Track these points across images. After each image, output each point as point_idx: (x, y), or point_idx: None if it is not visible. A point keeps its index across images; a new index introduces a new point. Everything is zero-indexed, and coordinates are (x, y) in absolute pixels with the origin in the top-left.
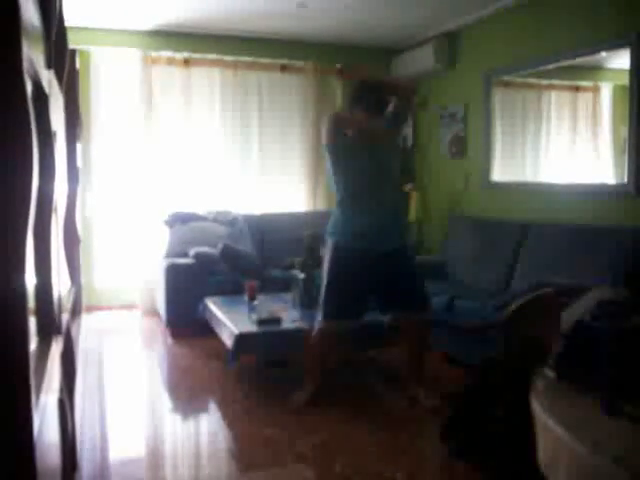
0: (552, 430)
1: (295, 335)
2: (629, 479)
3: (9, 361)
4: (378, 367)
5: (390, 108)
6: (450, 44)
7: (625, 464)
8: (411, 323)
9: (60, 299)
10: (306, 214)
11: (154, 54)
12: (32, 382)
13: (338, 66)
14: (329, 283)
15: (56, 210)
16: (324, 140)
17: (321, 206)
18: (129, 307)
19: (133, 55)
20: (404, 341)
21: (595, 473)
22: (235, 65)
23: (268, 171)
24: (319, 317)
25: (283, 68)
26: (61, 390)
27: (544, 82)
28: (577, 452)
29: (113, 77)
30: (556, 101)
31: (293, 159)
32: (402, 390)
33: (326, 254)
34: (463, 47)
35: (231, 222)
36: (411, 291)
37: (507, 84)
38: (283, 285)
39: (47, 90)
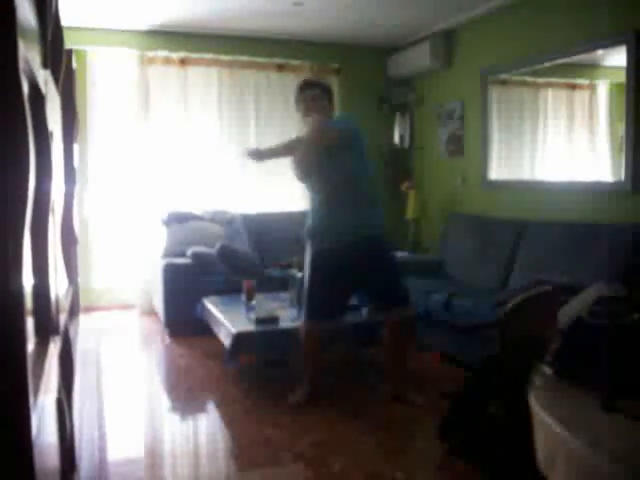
0: (550, 428)
1: (293, 334)
2: (628, 477)
3: (7, 362)
4: (378, 367)
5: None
6: (447, 43)
7: (624, 462)
8: (395, 321)
9: (58, 299)
10: (303, 213)
11: (151, 54)
12: (30, 383)
13: (335, 65)
14: (311, 285)
15: (53, 210)
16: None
17: None
18: (127, 307)
19: (130, 55)
20: (388, 338)
21: (594, 471)
22: (232, 64)
23: (265, 170)
24: (303, 317)
25: (280, 67)
26: (59, 390)
27: (541, 80)
28: (575, 450)
29: (110, 77)
30: (553, 99)
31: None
32: (385, 383)
33: (306, 257)
34: (460, 46)
35: (228, 221)
36: (391, 285)
37: (504, 82)
38: (281, 284)
39: (43, 90)
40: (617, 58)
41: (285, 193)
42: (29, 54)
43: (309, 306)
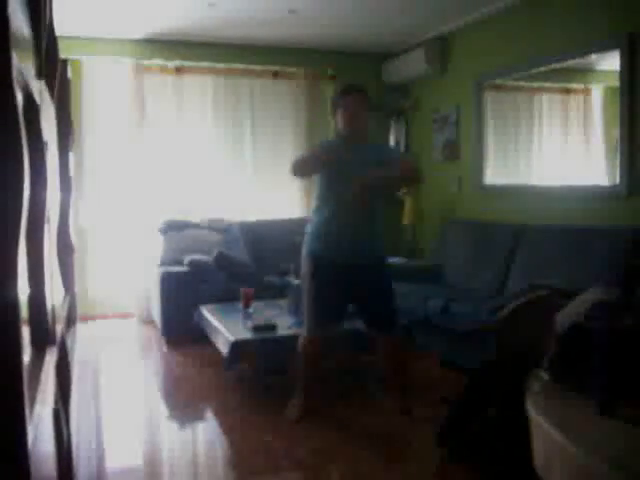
0: (547, 431)
1: (291, 341)
2: None
3: (2, 373)
4: (377, 374)
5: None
6: (441, 48)
7: (620, 465)
8: (385, 340)
9: (54, 309)
10: (300, 220)
11: (146, 63)
12: (26, 393)
13: (330, 71)
14: (309, 295)
15: (49, 220)
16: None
17: None
18: (124, 316)
19: (125, 64)
20: (385, 355)
21: (590, 474)
22: (227, 72)
23: (261, 177)
24: (303, 330)
25: (275, 74)
26: (56, 401)
27: (535, 85)
28: (572, 453)
29: (105, 86)
30: (548, 103)
31: (286, 165)
32: (386, 394)
33: (303, 266)
34: (454, 51)
35: (225, 229)
36: (379, 311)
37: (499, 87)
38: (278, 291)
39: (38, 100)
40: (611, 62)
41: (282, 200)
42: (23, 64)
43: (309, 319)
